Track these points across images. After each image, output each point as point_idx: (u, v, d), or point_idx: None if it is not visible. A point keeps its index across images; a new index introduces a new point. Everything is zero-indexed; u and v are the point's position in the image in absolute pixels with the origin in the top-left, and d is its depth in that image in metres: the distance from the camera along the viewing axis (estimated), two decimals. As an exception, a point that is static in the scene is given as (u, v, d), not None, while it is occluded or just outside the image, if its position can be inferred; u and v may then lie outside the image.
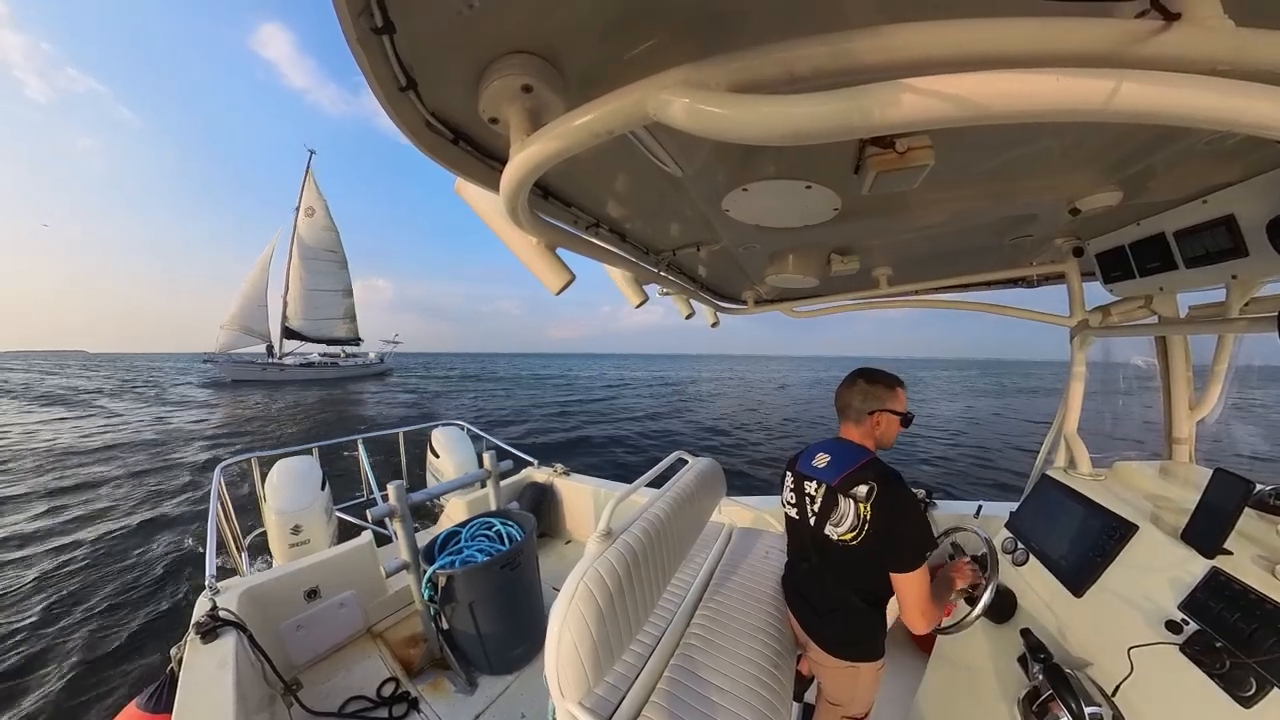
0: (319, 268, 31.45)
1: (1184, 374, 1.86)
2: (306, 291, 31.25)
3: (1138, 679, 1.06)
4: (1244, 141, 0.94)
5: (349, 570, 2.45)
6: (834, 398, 1.41)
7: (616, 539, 1.37)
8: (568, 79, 0.65)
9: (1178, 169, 1.08)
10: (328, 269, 31.82)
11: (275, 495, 3.06)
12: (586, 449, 12.90)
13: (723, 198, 1.10)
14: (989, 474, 10.90)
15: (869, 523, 1.19)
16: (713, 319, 2.70)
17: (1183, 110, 0.40)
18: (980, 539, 1.52)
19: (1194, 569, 1.13)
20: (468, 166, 0.84)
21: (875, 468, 1.24)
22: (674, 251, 1.66)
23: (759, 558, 2.04)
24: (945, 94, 0.41)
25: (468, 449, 4.08)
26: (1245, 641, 0.95)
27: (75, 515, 7.30)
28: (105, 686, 3.60)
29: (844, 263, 1.68)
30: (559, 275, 1.17)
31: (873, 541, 1.20)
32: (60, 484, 9.01)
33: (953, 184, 1.12)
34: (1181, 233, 1.29)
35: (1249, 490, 1.14)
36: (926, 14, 0.44)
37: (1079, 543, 1.48)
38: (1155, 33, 0.43)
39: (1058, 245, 1.70)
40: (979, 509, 2.40)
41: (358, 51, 0.54)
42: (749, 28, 0.58)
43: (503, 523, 2.44)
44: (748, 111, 0.45)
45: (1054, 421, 2.04)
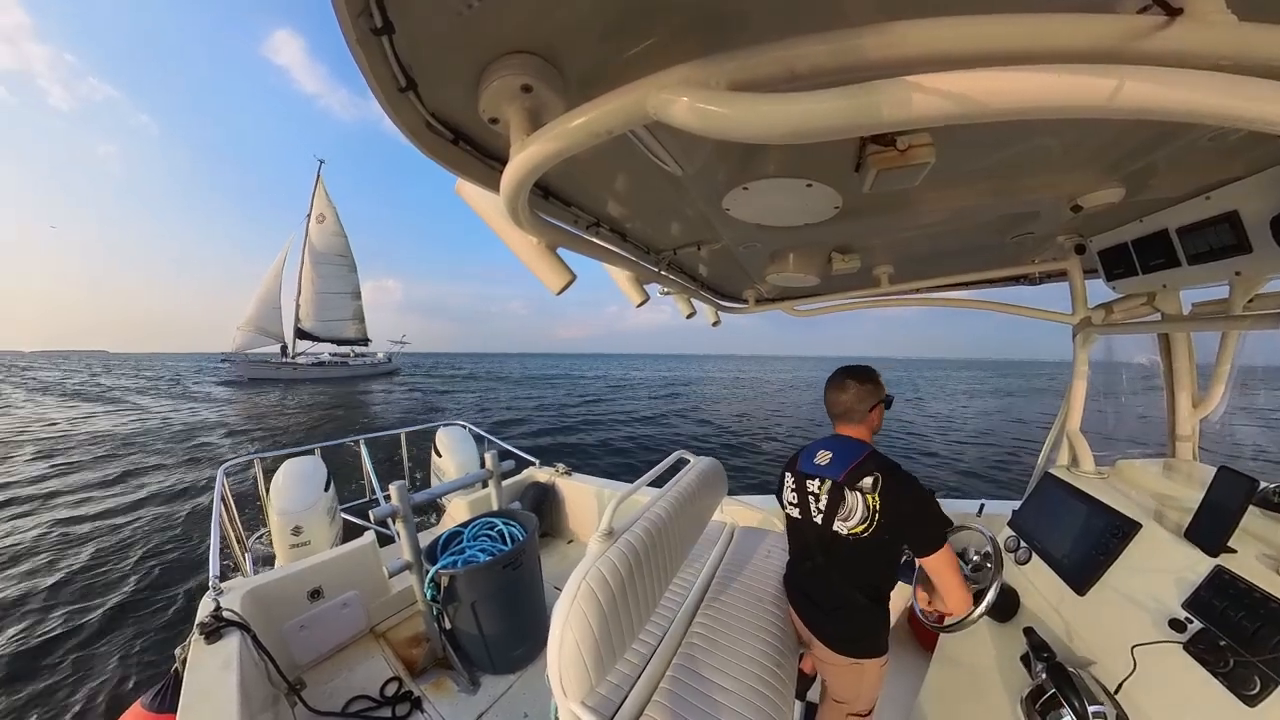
0: (329, 272, 33.26)
1: (1187, 371, 1.85)
2: (318, 294, 33.11)
3: (1141, 678, 1.06)
4: (1247, 137, 0.93)
5: (352, 570, 2.46)
6: (828, 403, 1.43)
7: (618, 539, 1.37)
8: (567, 78, 0.65)
9: (1180, 165, 1.07)
10: (338, 273, 33.65)
11: (279, 496, 3.07)
12: (595, 452, 12.88)
13: (723, 196, 1.10)
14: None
15: (879, 512, 1.21)
16: (714, 318, 2.70)
17: (1185, 106, 0.40)
18: (984, 537, 1.52)
19: (1198, 567, 1.13)
20: (468, 167, 0.84)
21: (877, 459, 1.27)
22: (675, 251, 1.66)
23: (761, 557, 2.04)
24: (946, 91, 0.41)
25: (470, 449, 4.09)
26: (1249, 640, 0.95)
27: (125, 489, 8.67)
28: (154, 605, 4.59)
29: (845, 261, 1.67)
30: (560, 275, 1.17)
31: (884, 531, 1.22)
32: (109, 464, 10.44)
33: (954, 182, 1.11)
34: (1184, 229, 1.28)
35: (1253, 488, 1.13)
36: (927, 11, 0.44)
37: (1082, 541, 1.47)
38: (1157, 28, 0.43)
39: (1060, 242, 1.69)
40: (981, 507, 2.40)
41: (357, 52, 0.54)
42: (749, 26, 0.57)
43: (505, 522, 2.44)
44: (748, 110, 0.45)
45: (1056, 420, 2.04)
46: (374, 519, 2.04)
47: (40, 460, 10.73)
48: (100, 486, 8.76)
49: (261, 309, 31.53)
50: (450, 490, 2.40)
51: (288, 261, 32.08)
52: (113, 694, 3.49)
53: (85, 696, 3.46)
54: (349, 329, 35.09)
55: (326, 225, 32.66)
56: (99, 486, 8.76)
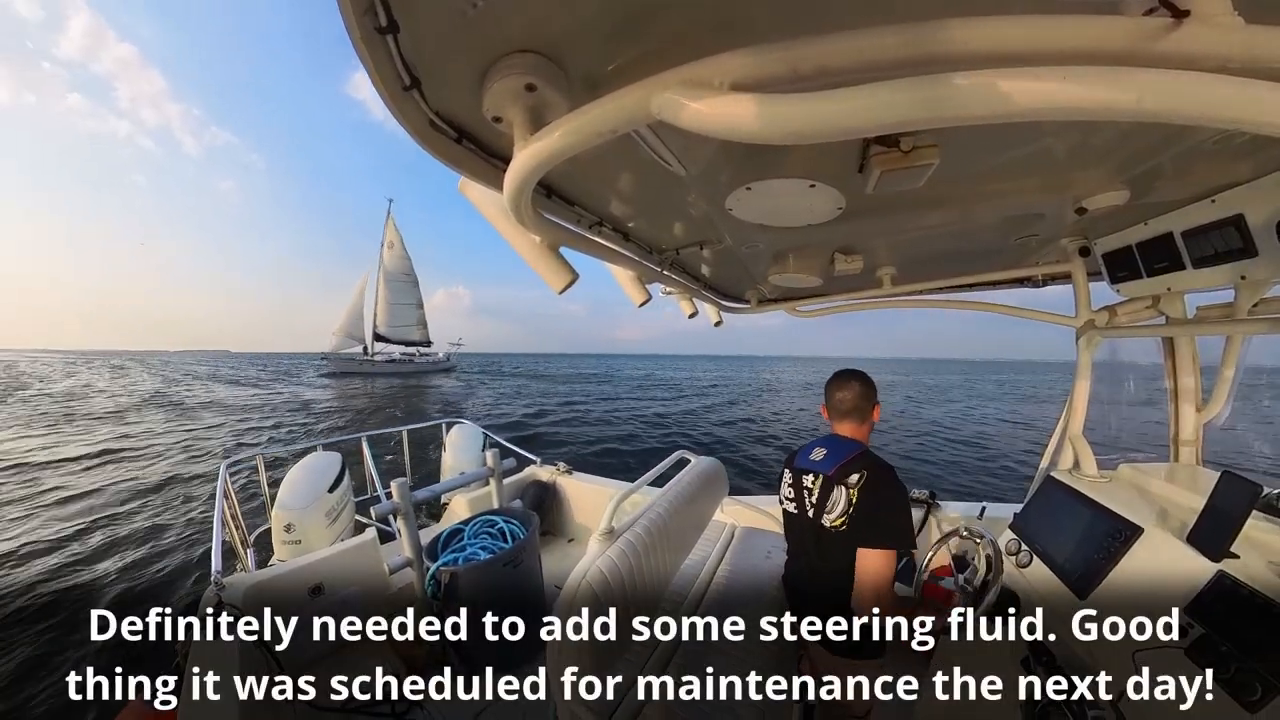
0: (398, 287, 43.81)
1: (1191, 375, 1.84)
2: (389, 305, 43.61)
3: (1142, 683, 1.06)
4: (1253, 140, 0.92)
5: (352, 567, 2.46)
6: (833, 402, 1.46)
7: (619, 538, 1.38)
8: (571, 78, 0.65)
9: (1185, 168, 1.07)
10: (404, 288, 44.28)
11: (282, 492, 3.08)
12: (591, 439, 13.46)
13: (726, 197, 1.09)
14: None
15: (854, 506, 1.25)
16: (716, 318, 2.70)
17: (1192, 109, 0.40)
18: (985, 540, 1.52)
19: (1200, 572, 1.12)
20: (471, 165, 0.84)
21: (868, 458, 1.31)
22: (677, 251, 1.66)
23: (760, 557, 2.04)
24: (950, 93, 0.41)
25: (472, 447, 4.09)
26: (1251, 646, 0.94)
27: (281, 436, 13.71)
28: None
29: (848, 262, 1.67)
30: (562, 275, 1.17)
31: (855, 525, 1.24)
32: (270, 423, 15.84)
33: (958, 183, 1.11)
34: (1189, 233, 1.27)
35: (1256, 493, 1.13)
36: (931, 13, 0.44)
37: (1083, 545, 1.47)
38: (1164, 31, 0.42)
39: (1064, 245, 1.68)
40: (983, 510, 2.39)
41: (361, 50, 0.54)
42: (753, 27, 0.57)
43: (505, 520, 2.44)
44: (751, 111, 0.45)
45: (1059, 423, 2.03)
46: (375, 516, 2.05)
47: (272, 415, 17.62)
48: (289, 431, 14.36)
49: (349, 319, 42.58)
50: (451, 488, 2.41)
51: (368, 280, 42.89)
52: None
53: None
54: (414, 333, 45.33)
55: (395, 250, 42.94)
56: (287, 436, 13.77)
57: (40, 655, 3.63)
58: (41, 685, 3.31)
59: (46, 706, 3.15)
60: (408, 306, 44.64)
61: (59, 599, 4.40)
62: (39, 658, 3.59)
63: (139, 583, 4.79)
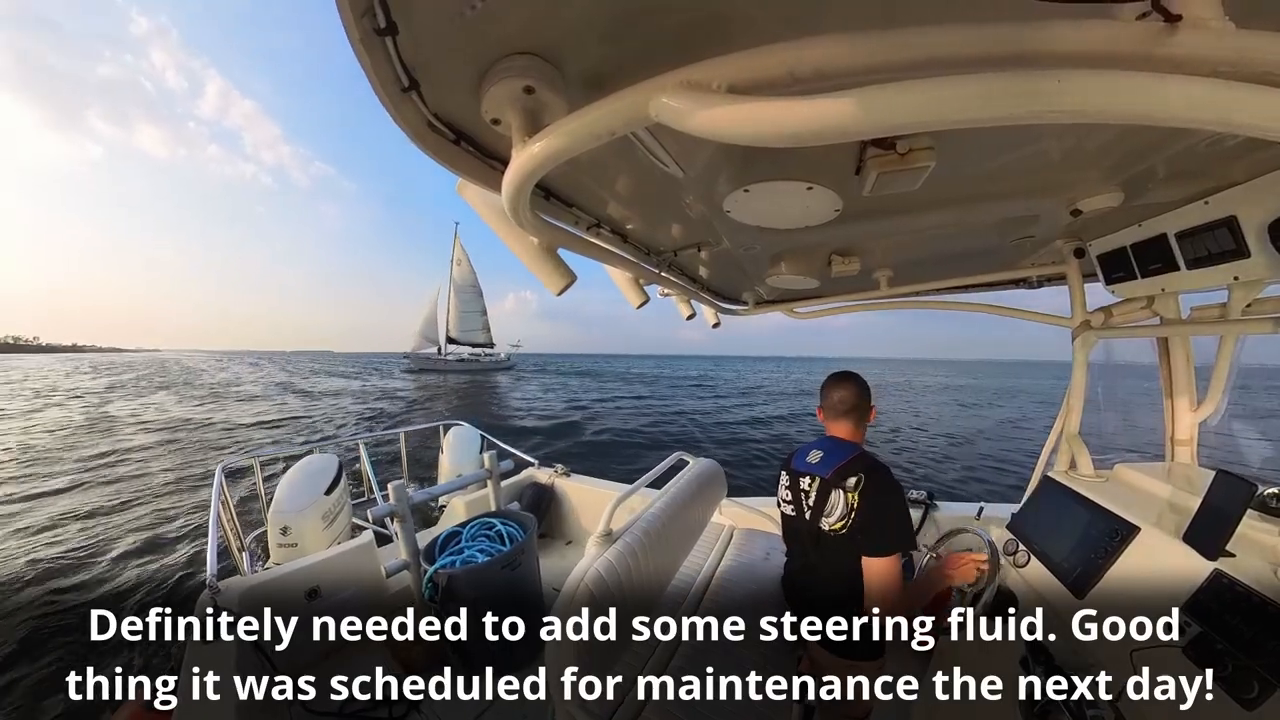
0: (465, 297, 53.11)
1: (1186, 375, 1.85)
2: (459, 313, 52.88)
3: (1139, 681, 1.06)
4: (1245, 143, 0.93)
5: (350, 570, 2.45)
6: (831, 402, 1.46)
7: (617, 540, 1.38)
8: (569, 80, 0.65)
9: (1179, 170, 1.08)
10: (470, 297, 53.54)
11: (278, 494, 3.05)
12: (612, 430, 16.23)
13: (724, 199, 1.10)
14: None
15: (855, 510, 1.24)
16: (714, 319, 2.70)
17: (1185, 112, 0.40)
18: (982, 540, 1.52)
19: (1196, 571, 1.13)
20: (469, 167, 0.84)
21: (865, 460, 1.31)
22: (675, 252, 1.66)
23: (759, 559, 2.04)
24: (946, 96, 0.41)
25: (470, 450, 4.07)
26: (1248, 644, 0.95)
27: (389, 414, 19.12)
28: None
29: (845, 264, 1.67)
30: (560, 276, 1.17)
31: (856, 529, 1.24)
32: (381, 404, 22.24)
33: (954, 185, 1.12)
34: (1183, 234, 1.28)
35: (1251, 492, 1.14)
36: (926, 15, 0.44)
37: (1081, 544, 1.47)
38: (1157, 35, 0.43)
39: (1059, 246, 1.69)
40: (980, 510, 2.39)
41: (360, 52, 0.55)
42: (750, 29, 0.58)
43: (503, 523, 2.43)
44: (748, 113, 0.45)
45: (1055, 423, 2.04)
46: (372, 518, 2.04)
47: (379, 400, 23.78)
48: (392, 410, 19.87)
49: (425, 324, 53.34)
50: (448, 491, 2.40)
51: (440, 290, 53.15)
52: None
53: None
54: (479, 336, 54.72)
55: (462, 267, 52.28)
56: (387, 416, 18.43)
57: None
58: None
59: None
60: (474, 314, 54.13)
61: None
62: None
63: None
